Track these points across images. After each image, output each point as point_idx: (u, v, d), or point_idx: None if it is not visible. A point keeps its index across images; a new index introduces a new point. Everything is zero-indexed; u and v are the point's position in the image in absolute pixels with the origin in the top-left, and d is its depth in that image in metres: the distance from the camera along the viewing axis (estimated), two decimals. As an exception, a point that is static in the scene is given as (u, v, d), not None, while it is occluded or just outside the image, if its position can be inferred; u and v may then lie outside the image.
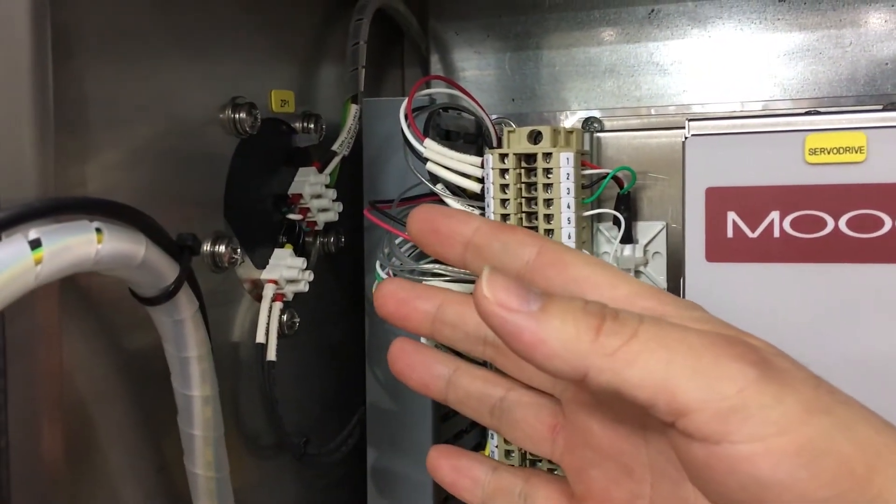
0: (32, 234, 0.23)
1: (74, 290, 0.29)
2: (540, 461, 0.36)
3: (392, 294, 0.28)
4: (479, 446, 0.44)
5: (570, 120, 0.50)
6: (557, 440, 0.27)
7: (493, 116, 0.41)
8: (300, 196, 0.41)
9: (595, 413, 0.25)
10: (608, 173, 0.39)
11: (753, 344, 0.21)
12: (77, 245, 0.24)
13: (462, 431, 0.44)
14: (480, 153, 0.37)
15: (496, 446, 0.36)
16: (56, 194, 0.26)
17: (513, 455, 0.36)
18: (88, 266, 0.25)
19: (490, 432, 0.36)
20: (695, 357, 0.20)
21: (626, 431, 0.24)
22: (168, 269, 0.28)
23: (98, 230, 0.25)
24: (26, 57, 0.25)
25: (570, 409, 0.26)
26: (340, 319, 0.47)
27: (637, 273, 0.41)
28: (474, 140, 0.43)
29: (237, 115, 0.37)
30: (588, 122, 0.47)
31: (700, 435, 0.20)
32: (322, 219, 0.42)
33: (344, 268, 0.46)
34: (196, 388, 0.31)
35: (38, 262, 0.23)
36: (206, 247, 0.36)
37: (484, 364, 0.29)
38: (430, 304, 0.28)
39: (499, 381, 0.28)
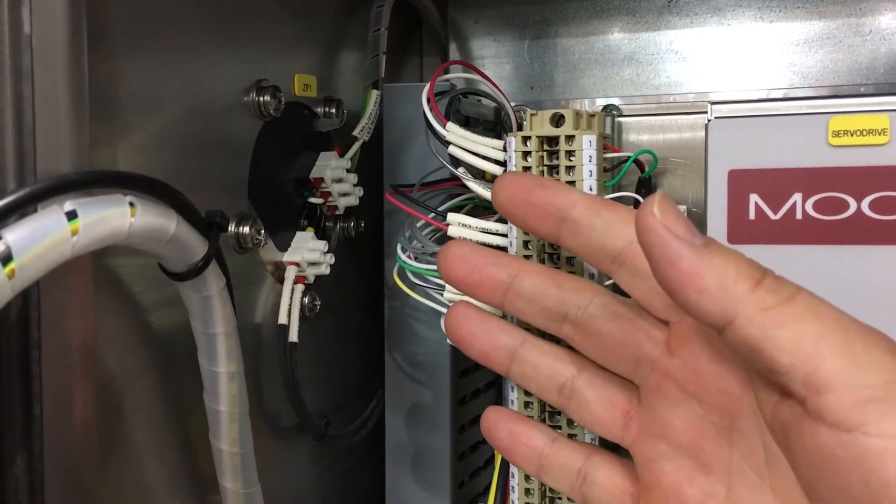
0: (68, 205, 0.24)
1: (107, 265, 0.29)
2: (561, 428, 0.35)
3: (464, 258, 0.26)
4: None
5: (589, 108, 0.50)
6: (630, 426, 0.25)
7: (512, 104, 0.41)
8: (321, 180, 0.42)
9: (679, 406, 0.24)
10: (630, 157, 0.39)
11: None
12: (111, 217, 0.25)
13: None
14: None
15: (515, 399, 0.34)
16: (90, 170, 0.27)
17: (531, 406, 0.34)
18: (122, 239, 0.25)
19: (511, 387, 0.34)
20: (848, 339, 0.19)
21: (711, 429, 0.23)
22: (197, 245, 0.29)
23: (131, 204, 0.25)
24: (63, 41, 0.26)
25: (651, 398, 0.25)
26: (360, 303, 0.47)
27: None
28: (493, 127, 0.44)
29: (262, 98, 0.37)
30: (608, 109, 0.48)
31: (833, 419, 0.19)
32: (343, 203, 0.43)
33: (363, 252, 0.47)
34: (222, 364, 0.31)
35: (74, 232, 0.23)
36: (232, 227, 0.36)
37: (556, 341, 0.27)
38: (505, 273, 0.26)
39: (571, 359, 0.27)
